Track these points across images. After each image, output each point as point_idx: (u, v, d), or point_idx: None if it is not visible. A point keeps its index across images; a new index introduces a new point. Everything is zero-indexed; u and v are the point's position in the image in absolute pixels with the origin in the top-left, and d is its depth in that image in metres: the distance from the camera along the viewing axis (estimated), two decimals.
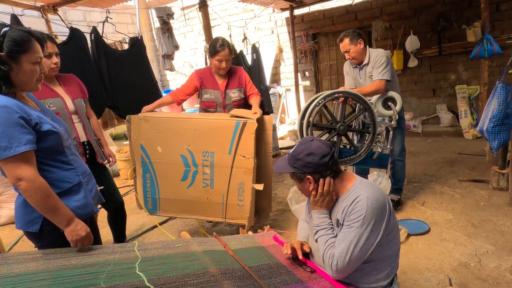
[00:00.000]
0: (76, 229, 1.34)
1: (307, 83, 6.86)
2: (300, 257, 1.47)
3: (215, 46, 2.52)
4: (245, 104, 2.73)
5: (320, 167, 1.39)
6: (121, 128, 7.54)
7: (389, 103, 2.69)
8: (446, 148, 4.69)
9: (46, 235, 1.37)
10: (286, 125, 7.05)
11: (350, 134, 2.58)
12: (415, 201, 3.11)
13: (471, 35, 4.44)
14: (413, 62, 5.57)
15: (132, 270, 1.29)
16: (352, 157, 2.47)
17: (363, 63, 2.83)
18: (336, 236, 1.39)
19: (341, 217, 1.38)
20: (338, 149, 2.45)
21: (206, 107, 2.69)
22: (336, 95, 2.41)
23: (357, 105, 2.54)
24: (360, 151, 2.45)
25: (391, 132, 2.64)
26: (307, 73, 6.86)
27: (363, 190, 1.34)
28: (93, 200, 1.54)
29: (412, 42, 5.37)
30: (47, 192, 1.27)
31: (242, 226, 2.27)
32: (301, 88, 6.64)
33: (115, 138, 7.62)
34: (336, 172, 1.43)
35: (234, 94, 2.67)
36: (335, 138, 2.46)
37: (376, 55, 2.74)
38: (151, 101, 3.31)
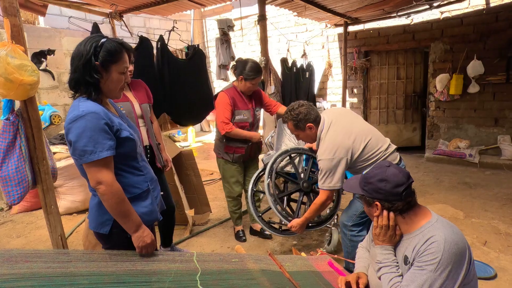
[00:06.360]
0: (143, 236, 1.37)
1: (355, 100, 6.70)
2: None
3: (253, 71, 2.56)
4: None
5: (391, 196, 1.30)
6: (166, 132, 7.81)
7: None
8: (509, 183, 4.29)
9: (114, 238, 1.41)
10: None
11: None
12: (474, 239, 2.85)
13: None
14: (474, 88, 5.21)
15: (194, 283, 1.29)
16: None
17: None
18: (401, 275, 1.29)
19: (410, 255, 1.27)
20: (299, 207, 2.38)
21: (240, 128, 2.68)
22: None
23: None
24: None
25: None
26: (355, 90, 6.69)
27: (439, 230, 1.22)
28: (157, 207, 1.57)
29: (475, 67, 5.04)
30: (122, 198, 1.31)
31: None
32: (347, 105, 6.50)
33: None
34: (410, 205, 1.33)
35: (258, 113, 2.80)
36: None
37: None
38: (206, 110, 3.38)
